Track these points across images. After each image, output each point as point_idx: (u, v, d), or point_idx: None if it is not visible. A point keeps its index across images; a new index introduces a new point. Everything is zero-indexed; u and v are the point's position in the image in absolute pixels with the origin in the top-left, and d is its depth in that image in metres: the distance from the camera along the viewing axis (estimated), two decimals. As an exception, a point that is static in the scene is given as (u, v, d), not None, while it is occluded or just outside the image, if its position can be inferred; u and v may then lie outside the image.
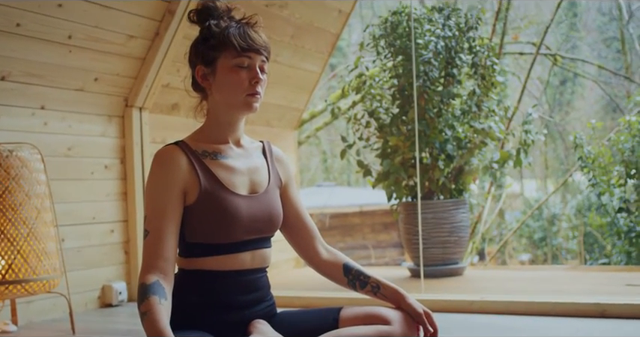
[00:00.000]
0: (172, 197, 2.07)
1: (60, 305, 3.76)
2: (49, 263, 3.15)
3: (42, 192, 3.20)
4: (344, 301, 3.42)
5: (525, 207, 14.51)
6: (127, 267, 4.23)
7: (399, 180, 4.92)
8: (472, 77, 5.11)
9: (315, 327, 2.23)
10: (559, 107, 16.37)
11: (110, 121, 4.20)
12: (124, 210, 4.24)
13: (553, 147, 15.85)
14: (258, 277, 2.23)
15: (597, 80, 14.21)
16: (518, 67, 13.75)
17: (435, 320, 2.25)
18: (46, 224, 3.19)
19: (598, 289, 4.01)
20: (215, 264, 2.14)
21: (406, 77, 4.95)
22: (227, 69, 2.15)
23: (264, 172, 2.28)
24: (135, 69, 4.21)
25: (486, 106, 5.00)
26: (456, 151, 4.87)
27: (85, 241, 3.98)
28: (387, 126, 5.00)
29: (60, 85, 3.84)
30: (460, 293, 3.79)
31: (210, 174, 2.13)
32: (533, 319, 3.15)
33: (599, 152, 6.54)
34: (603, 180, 6.53)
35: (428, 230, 4.69)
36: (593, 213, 7.60)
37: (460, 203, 4.85)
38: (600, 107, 17.13)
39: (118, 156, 4.24)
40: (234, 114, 2.21)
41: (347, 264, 2.35)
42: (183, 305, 2.13)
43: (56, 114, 3.86)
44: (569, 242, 12.25)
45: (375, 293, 2.31)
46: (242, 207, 2.13)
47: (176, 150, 2.14)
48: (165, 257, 2.01)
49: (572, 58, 13.72)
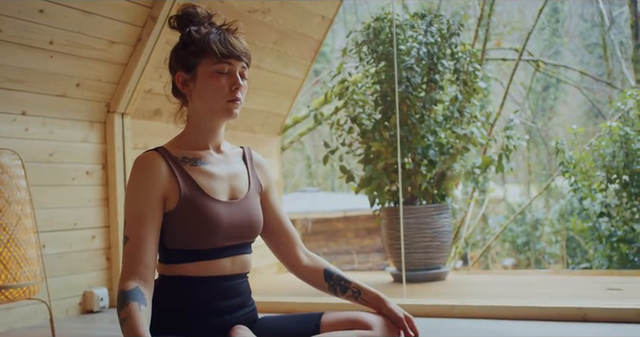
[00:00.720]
0: (152, 203, 2.07)
1: (41, 312, 3.74)
2: (29, 269, 3.13)
3: (22, 198, 3.18)
4: (325, 306, 3.42)
5: (508, 211, 14.57)
6: (109, 273, 4.21)
7: (382, 186, 4.93)
8: (454, 83, 5.13)
9: (296, 333, 2.23)
10: (542, 112, 16.47)
11: (92, 127, 4.19)
12: (105, 216, 4.23)
13: (536, 152, 15.94)
14: (238, 283, 2.23)
15: (579, 86, 14.31)
16: (502, 72, 13.82)
17: (415, 325, 2.26)
18: (27, 230, 3.17)
19: (580, 293, 4.04)
20: (195, 270, 2.13)
21: (388, 83, 4.96)
22: (207, 75, 2.15)
23: (245, 178, 2.28)
24: (117, 74, 4.20)
25: (468, 112, 5.02)
26: (438, 157, 4.89)
27: (67, 247, 3.96)
28: (370, 132, 5.01)
29: (41, 91, 3.82)
30: (442, 298, 3.80)
31: (190, 180, 2.13)
32: (515, 323, 3.16)
33: (580, 157, 6.59)
34: (585, 185, 6.58)
35: (410, 235, 4.71)
36: (575, 218, 7.65)
37: (442, 208, 4.87)
38: (582, 112, 17.26)
39: (99, 162, 4.22)
40: (215, 120, 2.21)
41: (328, 270, 2.36)
42: (164, 311, 2.12)
43: (37, 119, 3.84)
44: (552, 246, 12.31)
45: (355, 299, 2.32)
46: (222, 213, 2.13)
47: (156, 156, 2.14)
48: (145, 264, 2.01)
49: (555, 64, 13.82)
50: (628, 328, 2.95)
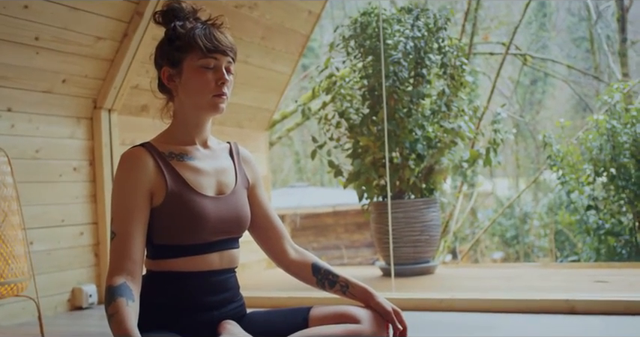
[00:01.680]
0: (139, 199, 2.07)
1: (29, 309, 3.72)
2: (17, 266, 3.12)
3: (9, 194, 3.16)
4: (314, 301, 3.42)
5: (497, 205, 14.62)
6: (97, 270, 4.20)
7: (370, 180, 4.93)
8: (441, 77, 5.14)
9: (284, 327, 2.23)
10: (530, 106, 16.52)
11: (79, 123, 4.18)
12: (93, 213, 4.21)
13: (524, 145, 15.99)
14: (227, 278, 2.23)
15: (567, 80, 14.36)
16: (489, 67, 13.85)
17: (404, 318, 2.26)
18: (14, 227, 3.15)
19: (568, 286, 4.06)
20: (183, 265, 2.13)
21: (376, 77, 4.96)
22: (193, 70, 2.14)
23: (231, 173, 2.28)
24: (103, 70, 4.18)
25: (456, 106, 5.03)
26: (426, 151, 4.89)
27: (54, 244, 3.95)
28: (358, 127, 5.01)
29: (27, 87, 3.81)
30: (430, 292, 3.81)
31: (177, 176, 2.13)
32: (503, 316, 3.18)
33: (567, 151, 6.62)
34: (572, 178, 6.61)
35: (399, 229, 4.71)
36: (563, 211, 7.68)
37: (431, 202, 4.88)
38: (570, 106, 17.32)
39: (86, 158, 4.21)
40: (201, 115, 2.20)
41: (316, 264, 2.36)
42: (152, 306, 2.12)
43: (23, 116, 3.82)
44: (540, 240, 12.37)
45: (344, 293, 2.32)
46: (209, 209, 2.13)
47: (142, 152, 2.13)
48: (132, 259, 2.01)
49: (542, 58, 13.86)
50: (616, 320, 2.97)
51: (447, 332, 2.86)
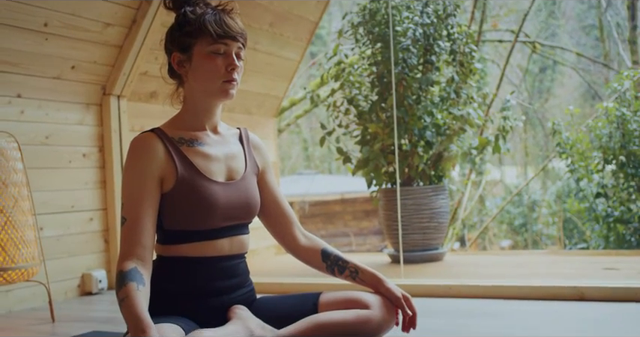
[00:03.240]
0: (149, 184, 2.07)
1: (39, 294, 3.74)
2: (27, 251, 3.13)
3: (19, 180, 3.18)
4: (323, 287, 3.43)
5: (505, 193, 14.60)
6: (107, 256, 4.21)
7: (379, 167, 4.93)
8: (450, 64, 5.12)
9: (294, 312, 2.24)
10: (538, 94, 16.46)
11: (88, 109, 4.18)
12: (102, 199, 4.22)
13: (533, 133, 15.94)
14: (236, 263, 2.24)
15: (576, 67, 14.29)
16: (498, 54, 13.79)
17: (413, 304, 2.27)
18: (24, 212, 3.17)
19: (577, 273, 4.05)
20: (193, 251, 2.14)
21: (385, 64, 4.95)
22: (203, 56, 2.14)
23: (241, 159, 2.28)
24: (112, 57, 4.18)
25: (465, 93, 5.02)
26: (435, 138, 4.88)
27: (64, 229, 3.96)
28: (367, 114, 5.01)
29: (36, 73, 3.81)
30: (439, 278, 3.81)
31: (187, 161, 2.13)
32: (512, 303, 3.17)
33: (577, 138, 6.60)
34: (582, 165, 6.59)
35: (408, 216, 4.71)
36: (572, 199, 7.67)
37: (439, 189, 4.87)
38: (579, 94, 17.24)
39: (96, 145, 4.22)
40: (211, 100, 2.21)
41: (325, 250, 2.36)
42: (162, 291, 2.13)
43: (33, 102, 3.83)
44: (549, 228, 12.35)
45: (353, 278, 2.33)
46: (219, 194, 2.13)
47: (152, 138, 2.14)
48: (142, 244, 2.01)
49: (552, 46, 13.79)
50: (624, 307, 2.97)
51: (456, 319, 2.86)
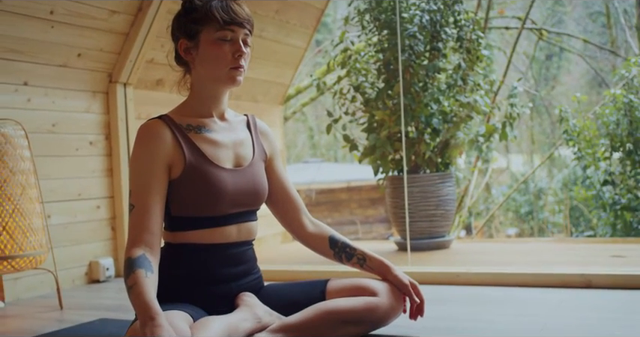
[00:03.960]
0: (157, 171, 2.07)
1: (47, 282, 3.75)
2: (35, 239, 3.14)
3: (26, 168, 3.18)
4: (330, 274, 3.43)
5: (512, 181, 14.58)
6: (114, 243, 4.22)
7: (386, 155, 4.92)
8: (457, 51, 5.10)
9: (302, 299, 2.24)
10: (545, 82, 16.40)
11: (94, 97, 4.17)
12: (109, 187, 4.22)
13: (539, 121, 15.90)
14: (244, 250, 2.24)
15: (583, 54, 14.23)
16: (504, 41, 13.73)
17: (421, 291, 2.27)
18: (32, 200, 3.17)
19: (584, 260, 4.04)
20: (201, 237, 2.14)
21: (391, 51, 4.93)
22: (210, 42, 2.14)
23: (249, 146, 2.28)
24: (118, 44, 4.17)
25: (472, 80, 5.00)
26: (441, 125, 4.87)
27: (71, 217, 3.97)
28: (373, 101, 4.99)
29: (43, 61, 3.80)
30: (446, 266, 3.81)
31: (195, 148, 2.13)
32: (519, 290, 3.17)
33: (584, 125, 6.58)
34: (588, 153, 6.57)
35: (414, 203, 4.71)
36: (578, 187, 7.65)
37: (446, 176, 4.86)
38: (586, 81, 17.18)
39: (102, 133, 4.21)
40: (218, 87, 2.20)
41: (333, 237, 2.37)
42: (170, 278, 2.14)
43: (39, 90, 3.82)
44: (555, 216, 12.34)
45: (361, 266, 2.33)
46: (227, 181, 2.13)
47: (160, 124, 2.14)
48: (151, 231, 2.02)
49: (558, 33, 13.72)
50: (632, 294, 2.96)
51: (464, 306, 2.86)
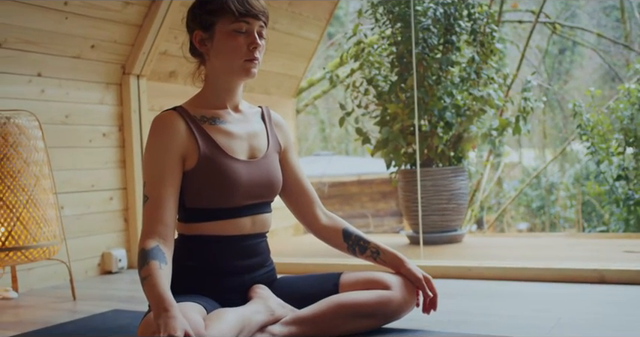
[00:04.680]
0: (171, 162, 2.07)
1: (60, 273, 3.77)
2: (48, 230, 3.15)
3: (40, 159, 3.19)
4: (343, 267, 3.43)
5: (524, 175, 14.53)
6: (127, 235, 4.23)
7: (398, 148, 4.91)
8: (471, 44, 5.07)
9: (315, 292, 2.24)
10: (557, 76, 16.31)
11: (107, 89, 4.18)
12: (122, 178, 4.23)
13: (551, 116, 15.82)
14: (258, 242, 2.24)
15: (596, 48, 14.14)
16: (517, 35, 13.66)
17: (434, 285, 2.27)
18: (45, 191, 3.18)
19: (597, 255, 4.03)
20: (215, 229, 2.14)
21: (405, 44, 4.91)
22: (225, 34, 2.13)
23: (263, 137, 2.27)
24: (132, 36, 4.17)
25: (485, 74, 4.97)
26: (454, 119, 4.85)
27: (84, 209, 3.98)
28: (386, 94, 4.98)
29: (56, 52, 3.81)
30: (459, 260, 3.80)
31: (209, 139, 2.13)
32: (532, 285, 3.16)
33: (598, 120, 6.53)
34: (602, 148, 6.52)
35: (427, 197, 4.70)
36: (591, 182, 7.61)
37: (459, 170, 4.85)
38: (599, 76, 17.08)
39: (116, 124, 4.22)
40: (233, 79, 2.20)
41: (346, 230, 2.36)
42: (184, 270, 2.14)
43: (53, 81, 3.83)
44: (566, 210, 12.29)
45: (374, 259, 2.33)
46: (241, 172, 2.13)
47: (174, 116, 2.14)
48: (164, 223, 2.02)
49: (572, 27, 13.64)
50: (646, 289, 2.95)
51: (476, 300, 2.86)
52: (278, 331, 2.07)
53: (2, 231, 3.01)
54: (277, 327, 2.08)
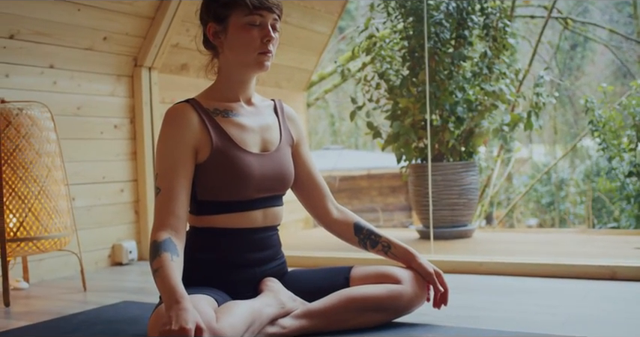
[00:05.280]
0: (184, 154, 2.07)
1: (71, 264, 3.78)
2: (60, 221, 3.16)
3: (52, 150, 3.19)
4: (353, 261, 3.43)
5: (534, 171, 14.48)
6: (137, 227, 4.24)
7: (409, 142, 4.90)
8: (483, 39, 5.06)
9: (326, 286, 2.24)
10: (569, 72, 16.23)
11: (119, 81, 4.18)
12: (133, 170, 4.24)
13: (562, 112, 15.76)
14: (269, 235, 2.24)
15: (608, 44, 14.07)
16: (529, 31, 13.60)
17: (445, 280, 2.26)
18: (57, 182, 3.19)
19: (606, 252, 4.01)
20: (227, 222, 2.14)
21: (417, 38, 4.90)
22: (239, 27, 2.13)
23: (276, 130, 2.27)
24: (144, 28, 4.17)
25: (497, 69, 4.96)
26: (466, 113, 4.84)
27: (95, 200, 3.99)
28: (397, 88, 4.97)
29: (69, 44, 3.81)
30: (469, 255, 3.79)
31: (222, 132, 2.13)
32: (543, 280, 3.15)
33: (610, 116, 6.50)
34: (614, 144, 6.49)
35: (437, 192, 4.69)
36: (602, 178, 7.58)
37: (470, 165, 4.84)
38: (610, 72, 16.99)
39: (127, 116, 4.22)
40: (246, 72, 2.20)
41: (358, 224, 2.36)
42: (195, 262, 2.14)
43: (65, 73, 3.84)
44: (576, 207, 12.25)
45: (385, 253, 2.32)
46: (254, 165, 2.13)
47: (187, 108, 2.13)
48: (176, 215, 2.02)
49: (584, 22, 13.58)
50: (657, 286, 2.94)
51: (487, 295, 2.85)
52: (289, 324, 2.07)
53: (14, 222, 3.02)
54: (288, 320, 2.08)
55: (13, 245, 2.99)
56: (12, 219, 3.02)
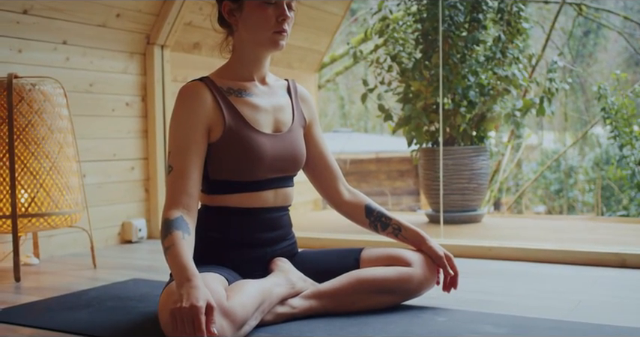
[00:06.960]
0: (196, 133, 2.07)
1: (81, 240, 3.79)
2: (71, 197, 3.16)
3: (64, 126, 3.20)
4: (363, 243, 3.43)
5: (543, 157, 14.44)
6: (147, 205, 4.24)
7: (420, 126, 4.88)
8: (497, 23, 5.02)
9: (336, 267, 2.24)
10: (581, 58, 16.14)
11: (132, 58, 4.17)
12: (144, 148, 4.24)
13: (573, 99, 15.68)
14: (280, 215, 2.24)
15: (622, 32, 13.96)
16: (542, 17, 13.51)
17: (455, 264, 2.26)
18: (69, 159, 3.19)
19: (615, 239, 4.00)
20: (238, 201, 2.14)
21: (430, 21, 4.87)
22: (254, 5, 2.12)
23: (289, 111, 2.26)
24: (157, 6, 4.16)
25: (511, 53, 4.93)
26: (478, 98, 4.81)
27: (106, 177, 3.99)
28: (410, 71, 4.94)
29: (82, 20, 3.80)
30: (479, 239, 3.79)
31: (235, 112, 2.12)
32: (552, 266, 3.15)
33: (622, 103, 6.46)
34: (625, 132, 6.46)
35: (448, 176, 4.67)
36: (613, 166, 7.55)
37: (481, 150, 4.82)
38: (623, 60, 16.88)
39: (139, 94, 4.22)
40: (261, 51, 2.19)
41: (369, 206, 2.36)
42: (206, 240, 2.14)
43: (78, 49, 3.83)
44: (585, 195, 12.22)
45: (396, 235, 2.32)
46: (266, 146, 2.12)
47: (201, 87, 2.13)
48: (188, 193, 2.02)
49: (597, 8, 13.47)
50: (667, 275, 2.93)
51: (496, 280, 2.85)
52: (298, 304, 2.08)
53: (26, 197, 3.02)
54: (297, 301, 2.08)
55: (24, 220, 3.00)
56: (24, 194, 3.02)
